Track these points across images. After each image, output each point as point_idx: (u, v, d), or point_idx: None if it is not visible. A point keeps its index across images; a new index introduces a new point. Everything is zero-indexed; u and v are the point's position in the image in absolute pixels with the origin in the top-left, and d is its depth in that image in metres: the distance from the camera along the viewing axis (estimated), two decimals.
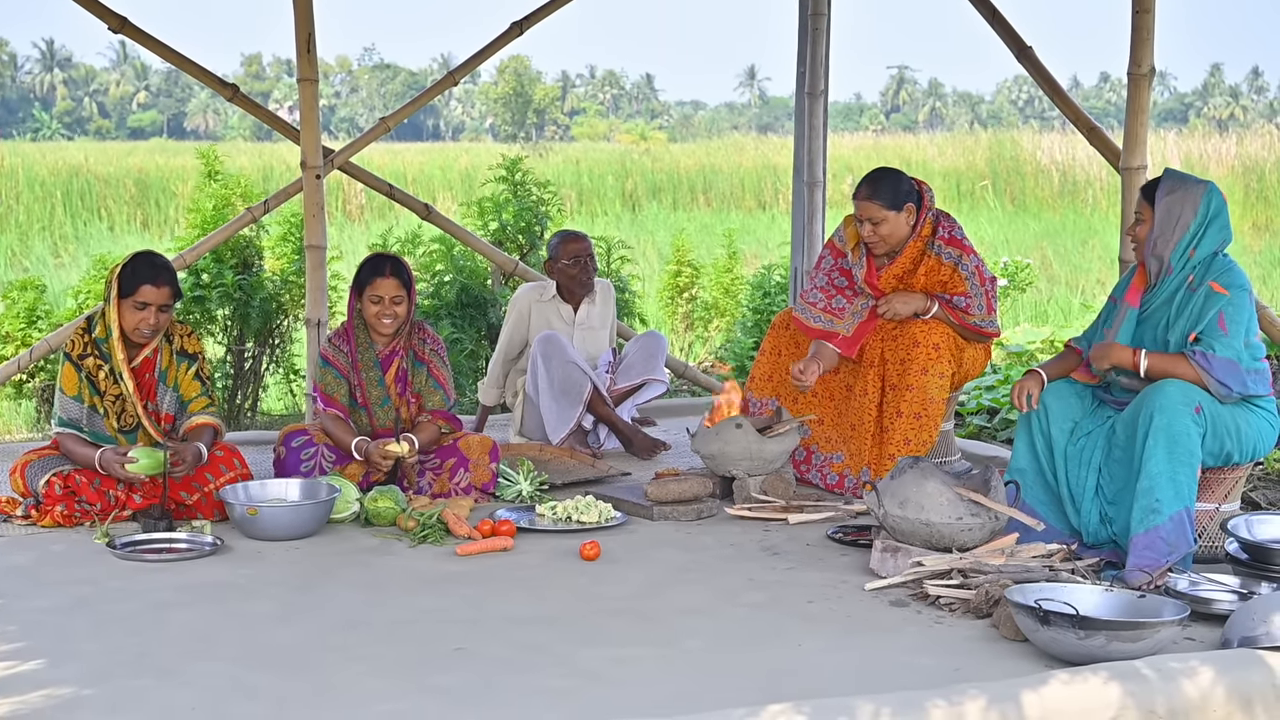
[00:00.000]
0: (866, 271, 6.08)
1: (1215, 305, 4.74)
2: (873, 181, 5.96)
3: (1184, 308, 4.83)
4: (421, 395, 5.95)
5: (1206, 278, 4.80)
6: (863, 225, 5.96)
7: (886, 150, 27.39)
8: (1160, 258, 4.87)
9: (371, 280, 5.85)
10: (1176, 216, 4.83)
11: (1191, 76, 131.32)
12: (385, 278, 5.84)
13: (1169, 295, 4.88)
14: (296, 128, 7.71)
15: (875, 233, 5.95)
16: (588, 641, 4.12)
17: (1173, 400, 4.64)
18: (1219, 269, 4.81)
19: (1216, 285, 4.77)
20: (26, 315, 8.65)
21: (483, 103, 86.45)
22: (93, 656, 3.96)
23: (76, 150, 30.61)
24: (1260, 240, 18.55)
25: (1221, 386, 4.70)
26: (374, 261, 5.91)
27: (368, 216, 21.21)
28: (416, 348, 5.96)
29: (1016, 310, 12.85)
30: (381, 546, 5.22)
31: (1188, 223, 4.82)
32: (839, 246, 6.21)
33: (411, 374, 5.95)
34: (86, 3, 7.30)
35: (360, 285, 5.88)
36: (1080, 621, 3.82)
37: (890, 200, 5.90)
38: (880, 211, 5.91)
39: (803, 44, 8.08)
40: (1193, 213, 4.83)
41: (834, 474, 6.09)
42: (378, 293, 5.84)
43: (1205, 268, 4.83)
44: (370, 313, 5.87)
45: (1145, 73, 6.57)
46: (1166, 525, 4.55)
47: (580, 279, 6.99)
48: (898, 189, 5.93)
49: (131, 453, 5.36)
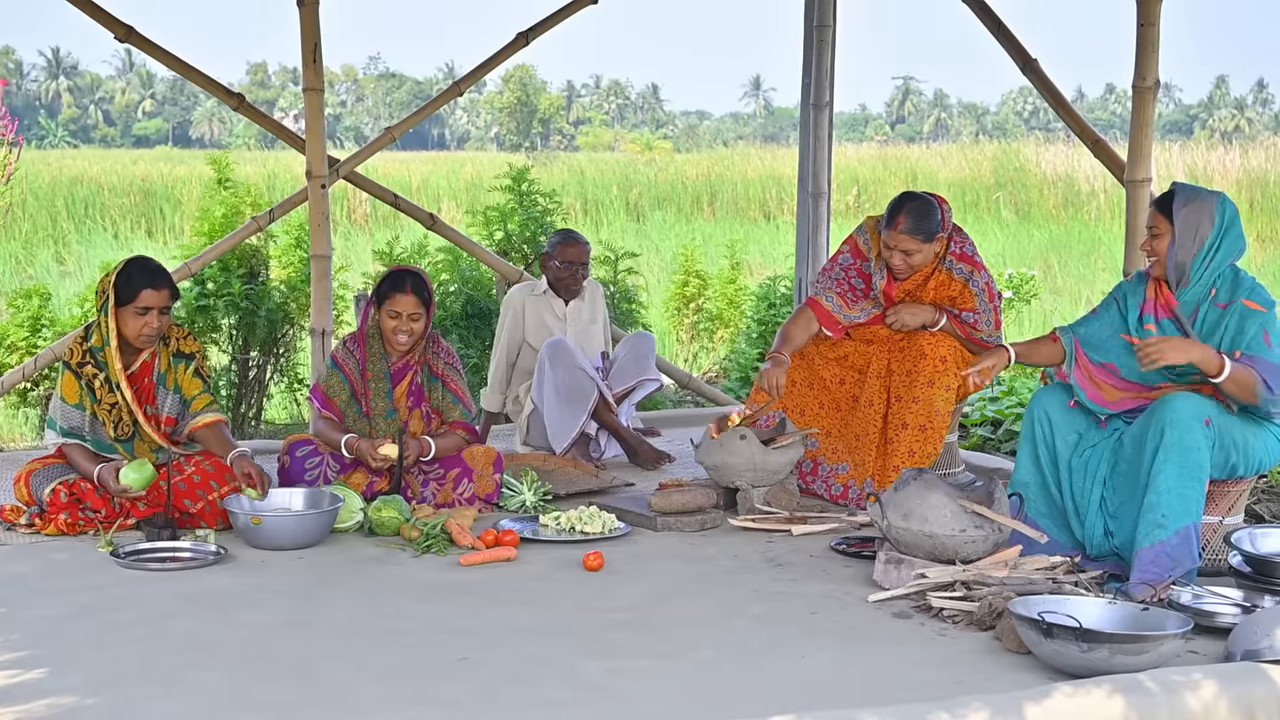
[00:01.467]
0: (886, 283, 6.08)
1: (1255, 321, 4.75)
2: (912, 215, 5.89)
3: (1216, 324, 4.83)
4: (441, 411, 5.96)
5: (1237, 295, 4.81)
6: (893, 254, 5.94)
7: (891, 161, 27.36)
8: (1182, 267, 4.88)
9: (391, 295, 5.84)
10: (1195, 227, 4.84)
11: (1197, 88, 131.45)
12: (405, 294, 5.82)
13: (1192, 307, 4.89)
14: (302, 137, 7.72)
15: (907, 262, 5.94)
16: (591, 652, 4.11)
17: (1184, 415, 4.63)
18: (1247, 287, 4.82)
19: (1250, 303, 4.78)
20: (31, 324, 8.65)
21: (488, 112, 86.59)
22: (96, 665, 3.96)
23: (82, 158, 30.68)
24: (1265, 252, 18.55)
25: (1265, 390, 4.68)
26: (395, 276, 5.90)
27: (373, 226, 21.22)
28: (431, 362, 5.96)
29: (1021, 322, 12.83)
30: (385, 556, 5.22)
31: (1206, 233, 4.83)
32: (862, 249, 6.17)
33: (427, 389, 5.95)
34: (93, 12, 7.33)
35: (380, 298, 5.88)
36: (1083, 634, 3.81)
37: (928, 235, 5.90)
38: (918, 245, 5.91)
39: (808, 56, 8.10)
40: (1210, 223, 4.84)
41: (839, 485, 6.09)
42: (396, 308, 5.83)
43: (1230, 285, 4.84)
44: (387, 327, 5.86)
45: (1150, 85, 6.59)
46: (1172, 540, 4.55)
47: (567, 284, 6.98)
48: (934, 221, 5.91)
49: (121, 471, 5.35)
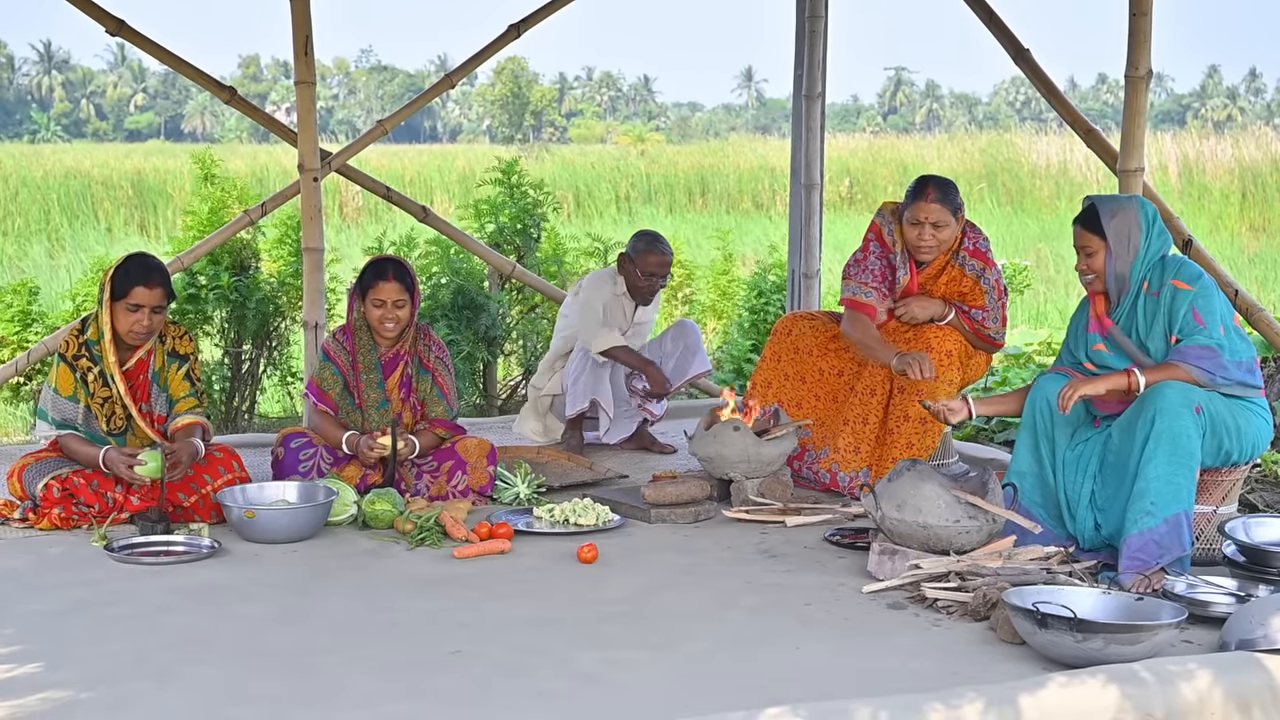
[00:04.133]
0: (909, 279, 6.07)
1: (1185, 301, 4.82)
2: (939, 187, 5.92)
3: (1154, 314, 4.89)
4: (425, 404, 5.95)
5: (1164, 279, 4.88)
6: (922, 228, 5.91)
7: (884, 151, 27.37)
8: (1122, 278, 4.95)
9: (374, 284, 5.82)
10: (1127, 235, 4.92)
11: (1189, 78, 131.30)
12: (388, 281, 5.81)
13: (1131, 307, 4.95)
14: (294, 130, 7.71)
15: (935, 236, 5.93)
16: (585, 644, 4.12)
17: (1173, 402, 4.65)
18: (1174, 268, 4.91)
19: (1178, 282, 4.85)
20: (20, 318, 8.63)
21: (480, 104, 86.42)
22: (90, 660, 3.96)
23: (74, 152, 30.61)
24: (1258, 242, 18.57)
25: (1202, 373, 4.73)
26: (376, 265, 5.89)
27: (364, 219, 21.20)
28: (422, 354, 5.95)
29: (1014, 312, 12.83)
30: (379, 549, 5.22)
31: (1137, 239, 4.92)
32: (888, 242, 6.12)
33: (416, 380, 5.95)
34: (84, 5, 7.30)
35: (363, 288, 5.86)
36: (1078, 624, 3.82)
37: (954, 206, 5.92)
38: (947, 216, 5.90)
39: (800, 47, 8.09)
40: (1138, 228, 4.93)
41: (824, 471, 6.08)
42: (380, 296, 5.81)
43: (1159, 271, 4.92)
44: (373, 316, 5.85)
45: (1142, 75, 6.58)
46: (1161, 528, 4.56)
47: (646, 294, 6.89)
48: (958, 195, 5.96)
49: (141, 455, 5.36)
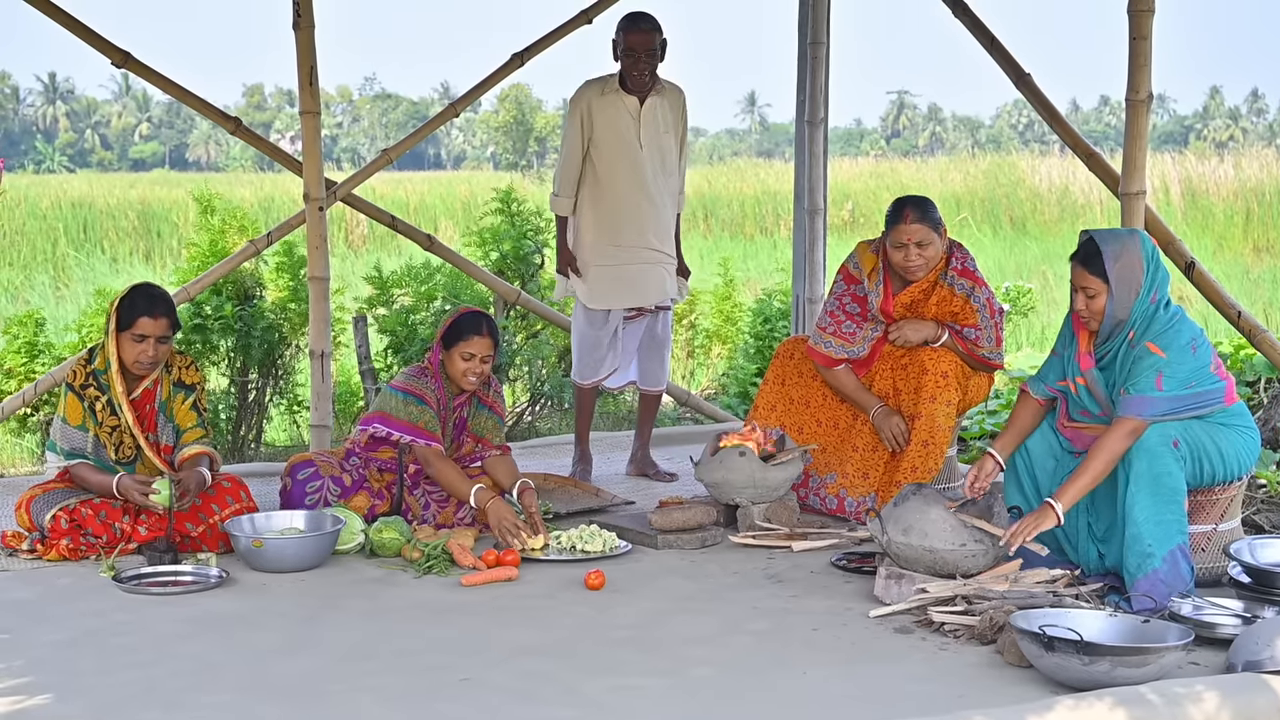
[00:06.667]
0: (883, 299, 6.08)
1: (1150, 364, 4.67)
2: (916, 207, 5.93)
3: (1126, 366, 4.78)
4: (482, 435, 6.05)
5: (1144, 338, 4.73)
6: (908, 249, 5.92)
7: (887, 176, 27.41)
8: (1121, 322, 4.79)
9: (469, 337, 5.82)
10: (1130, 279, 4.75)
11: (1191, 99, 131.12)
12: (482, 336, 5.82)
13: (1113, 356, 4.84)
14: (299, 159, 7.73)
15: (921, 254, 5.92)
16: (593, 671, 4.12)
17: (1151, 441, 4.62)
18: (1160, 327, 4.73)
19: (1153, 346, 4.69)
20: (27, 349, 8.65)
21: (484, 131, 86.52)
22: (99, 690, 3.97)
23: (79, 182, 30.68)
24: (1261, 263, 18.56)
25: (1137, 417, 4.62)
26: (471, 319, 5.88)
27: (369, 246, 21.23)
28: (480, 393, 6.03)
29: (1019, 335, 12.84)
30: (386, 578, 5.23)
31: (1140, 280, 4.75)
32: (853, 274, 6.16)
33: (471, 419, 6.01)
34: (89, 37, 7.34)
35: (451, 340, 5.86)
36: (1085, 647, 3.82)
37: (934, 222, 5.92)
38: (929, 233, 5.91)
39: (802, 73, 8.12)
40: (1141, 266, 4.76)
41: (832, 497, 6.09)
42: (472, 350, 5.81)
43: (1145, 327, 4.75)
44: (459, 369, 5.83)
45: (1143, 99, 6.60)
46: (1162, 569, 4.56)
47: (633, 75, 6.62)
48: (936, 212, 5.97)
49: (156, 483, 5.37)
